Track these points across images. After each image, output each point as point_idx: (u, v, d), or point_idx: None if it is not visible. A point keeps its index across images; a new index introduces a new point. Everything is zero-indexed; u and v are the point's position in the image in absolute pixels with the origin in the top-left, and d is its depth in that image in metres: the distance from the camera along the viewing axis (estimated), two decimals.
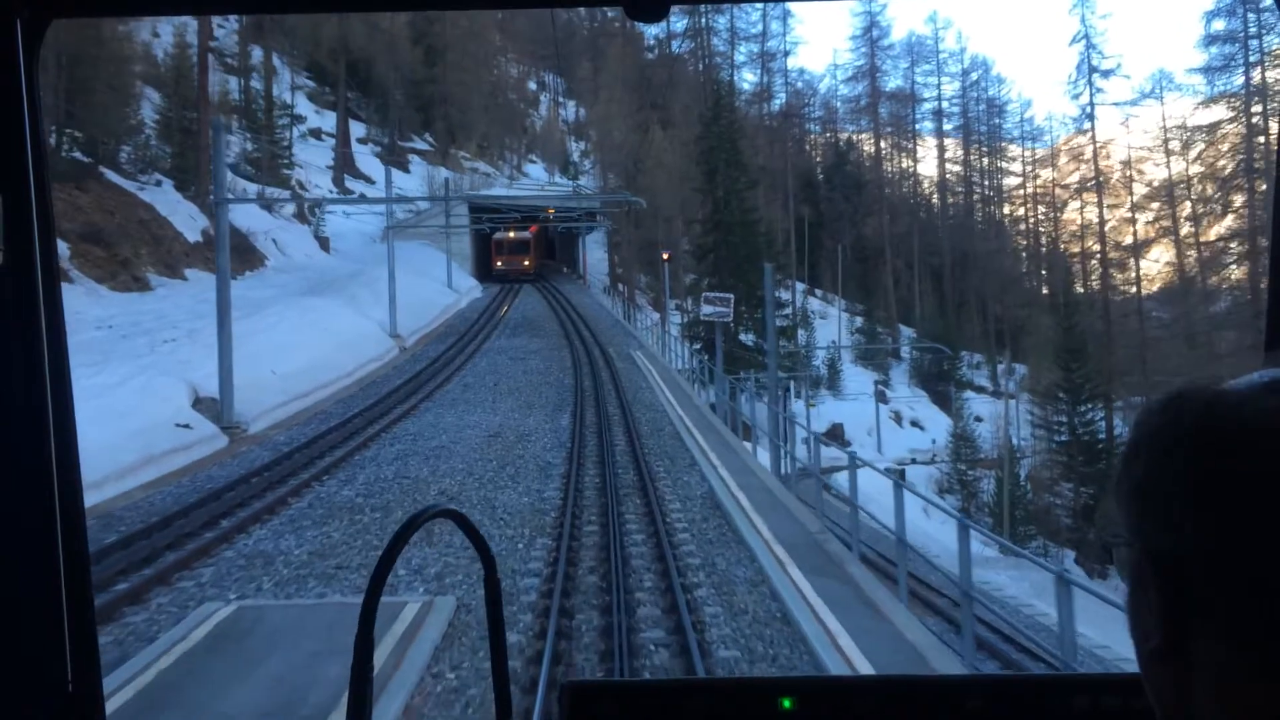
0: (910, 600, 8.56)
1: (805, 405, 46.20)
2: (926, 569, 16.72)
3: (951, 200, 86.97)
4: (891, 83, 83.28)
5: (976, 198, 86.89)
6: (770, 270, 17.51)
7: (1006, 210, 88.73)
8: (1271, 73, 46.13)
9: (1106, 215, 64.53)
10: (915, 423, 64.10)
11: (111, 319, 20.50)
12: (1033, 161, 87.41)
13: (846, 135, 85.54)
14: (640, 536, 9.67)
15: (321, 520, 10.40)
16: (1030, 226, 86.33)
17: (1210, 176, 49.80)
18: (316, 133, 64.12)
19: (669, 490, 11.95)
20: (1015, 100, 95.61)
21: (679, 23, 75.50)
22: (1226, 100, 47.41)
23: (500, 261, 51.87)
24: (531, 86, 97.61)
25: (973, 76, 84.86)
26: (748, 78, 78.10)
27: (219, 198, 17.51)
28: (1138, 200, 59.52)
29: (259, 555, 9.07)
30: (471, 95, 73.38)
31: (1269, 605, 0.46)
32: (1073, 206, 76.84)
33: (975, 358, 74.58)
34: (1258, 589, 0.46)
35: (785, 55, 77.79)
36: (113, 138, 34.15)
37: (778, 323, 58.30)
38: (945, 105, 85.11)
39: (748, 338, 54.93)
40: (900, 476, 26.08)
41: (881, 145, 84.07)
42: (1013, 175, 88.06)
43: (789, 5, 75.06)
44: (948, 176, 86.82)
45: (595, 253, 64.22)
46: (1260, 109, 44.98)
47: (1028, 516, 45.86)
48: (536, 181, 76.55)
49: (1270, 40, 45.66)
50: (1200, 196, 51.79)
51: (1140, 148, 60.48)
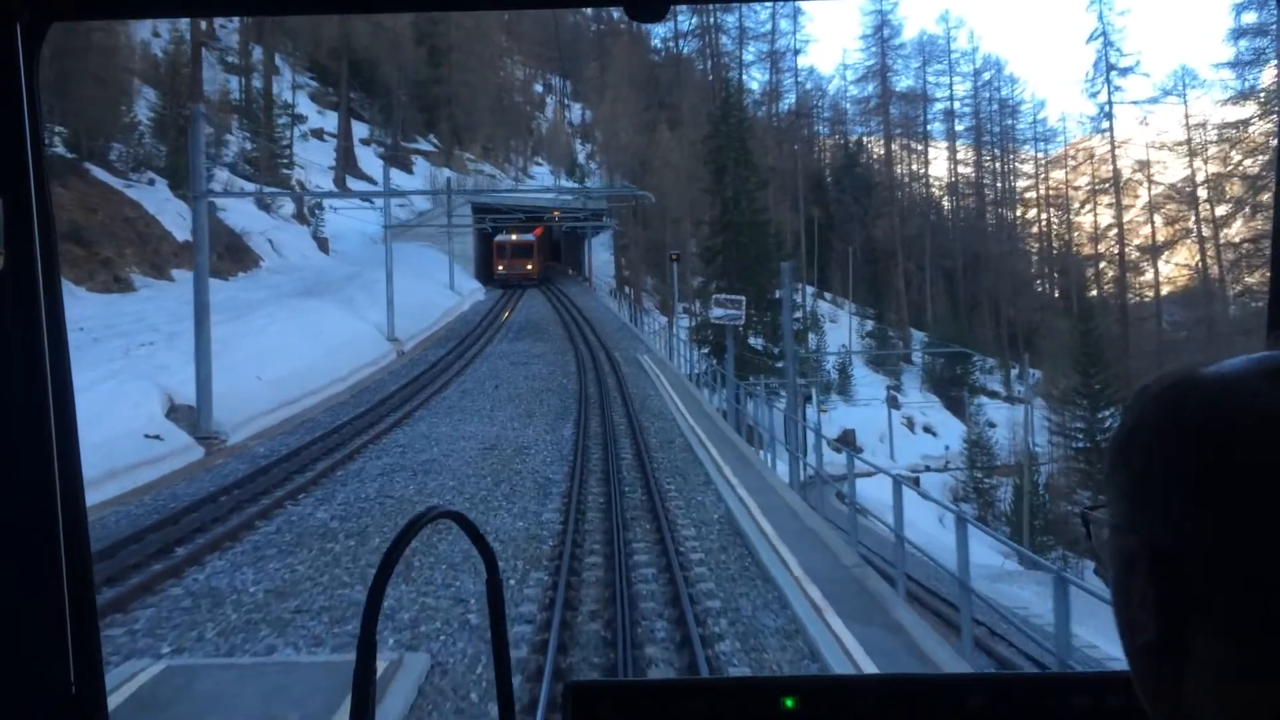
0: (973, 649, 7.26)
1: (817, 411, 45.02)
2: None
3: (963, 202, 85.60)
4: (902, 83, 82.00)
5: (989, 199, 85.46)
6: (789, 269, 16.26)
7: (1019, 212, 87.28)
8: None
9: (1123, 216, 63.16)
10: (928, 428, 62.98)
11: (85, 321, 19.32)
12: (1045, 163, 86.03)
13: (856, 137, 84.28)
14: (650, 571, 8.40)
15: (288, 549, 9.16)
16: (1043, 229, 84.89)
17: (1237, 176, 48.38)
18: (319, 133, 63.15)
19: (681, 513, 10.68)
20: (1028, 101, 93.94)
21: (687, 22, 74.42)
22: (1256, 96, 46.02)
23: (502, 265, 50.04)
24: (538, 89, 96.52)
25: (985, 76, 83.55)
26: (756, 76, 76.83)
27: (197, 191, 16.31)
28: (1156, 200, 58.07)
29: (209, 593, 7.83)
30: (476, 96, 72.20)
31: (1267, 602, 0.45)
32: (1087, 207, 75.42)
33: (988, 362, 73.34)
34: (1256, 586, 0.46)
35: (795, 54, 76.51)
36: (101, 134, 33.12)
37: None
38: (957, 106, 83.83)
39: (757, 341, 53.70)
40: (914, 483, 24.60)
41: (892, 146, 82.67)
42: (1025, 177, 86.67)
43: (800, 4, 73.88)
44: (959, 178, 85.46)
45: (601, 255, 63.05)
46: None
47: (1046, 526, 44.38)
48: (543, 184, 75.44)
49: None
50: (1228, 197, 50.35)
51: (1160, 147, 59.03)
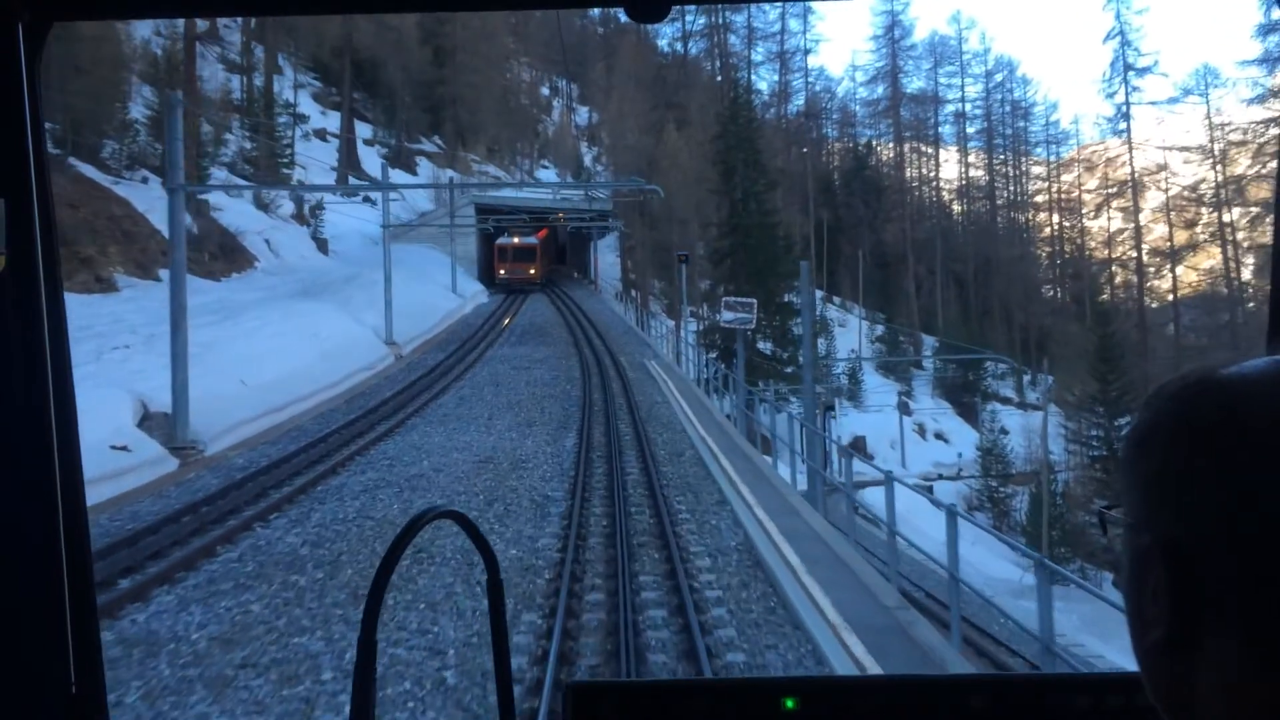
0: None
1: (826, 421, 43.85)
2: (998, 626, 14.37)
3: (974, 205, 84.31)
4: (914, 84, 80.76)
5: (1000, 203, 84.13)
6: (807, 269, 15.11)
7: (1031, 216, 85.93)
8: None
9: (1140, 219, 61.83)
10: (939, 435, 61.85)
11: None
12: (1057, 166, 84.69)
13: (866, 140, 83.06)
14: (661, 614, 7.25)
15: (247, 582, 8.04)
16: (1056, 232, 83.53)
17: (1264, 176, 47.06)
18: (321, 133, 62.27)
19: (695, 539, 9.53)
20: (1041, 103, 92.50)
21: (695, 21, 73.38)
22: None
23: (503, 269, 48.02)
24: (544, 92, 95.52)
25: (997, 78, 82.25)
26: (765, 77, 75.66)
27: (173, 183, 15.24)
28: (1175, 202, 56.75)
29: (145, 640, 6.70)
30: (481, 97, 71.19)
31: (1278, 601, 0.46)
32: (1100, 211, 74.07)
33: (1000, 367, 72.13)
34: (1269, 584, 0.46)
35: (805, 54, 75.31)
36: (93, 131, 32.19)
37: (796, 330, 56.02)
38: (968, 108, 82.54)
39: (766, 346, 52.52)
40: (928, 491, 23.35)
41: (903, 149, 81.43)
42: (1037, 179, 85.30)
43: (809, 3, 72.71)
44: (970, 181, 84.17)
45: (607, 257, 61.97)
46: None
47: (1064, 536, 43.06)
48: (548, 186, 74.37)
49: None
50: (1253, 199, 49.02)
51: (1179, 149, 57.70)
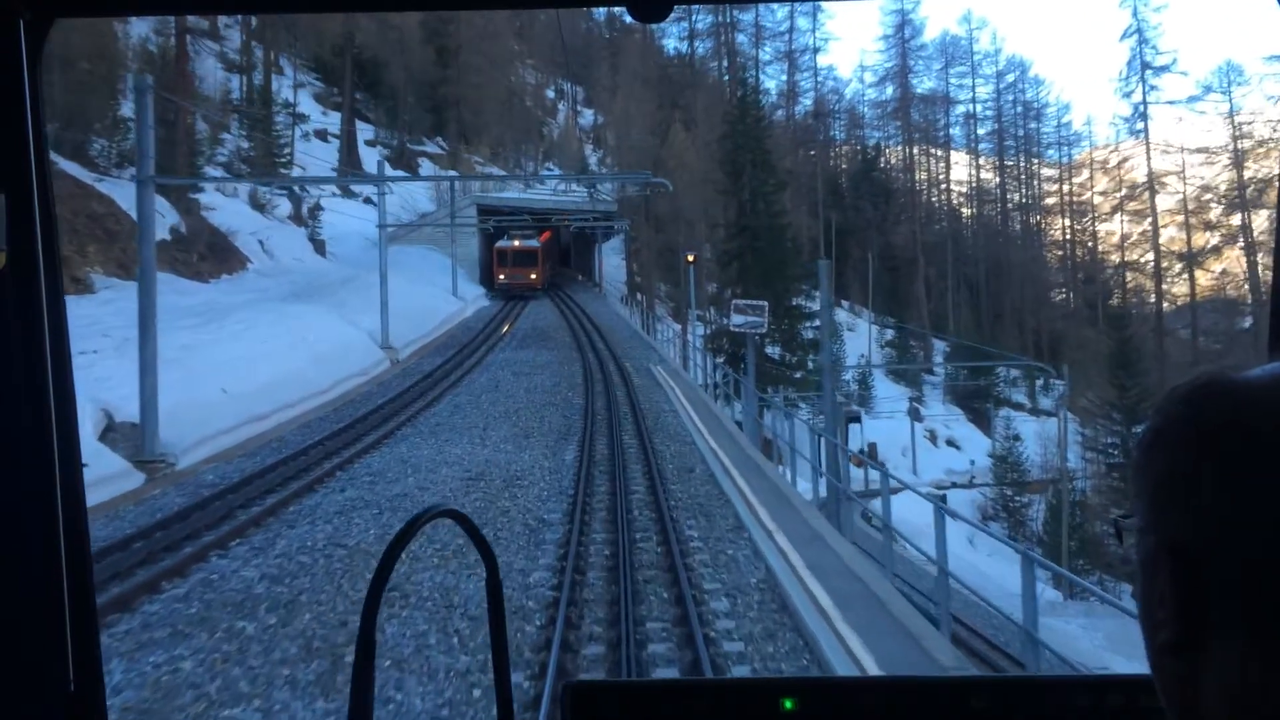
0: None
1: (827, 431, 42.63)
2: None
3: (984, 208, 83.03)
4: (923, 85, 79.53)
5: (1012, 205, 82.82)
6: (827, 268, 13.94)
7: (1043, 218, 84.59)
8: None
9: (1156, 221, 60.52)
10: (951, 442, 60.62)
11: None
12: (1069, 167, 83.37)
13: (874, 143, 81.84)
14: (674, 673, 6.07)
15: (186, 629, 6.88)
16: (1068, 235, 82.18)
17: None
18: (322, 134, 61.32)
19: (710, 573, 8.34)
20: (1053, 104, 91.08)
21: (702, 21, 72.32)
22: None
23: (503, 274, 45.79)
24: (549, 94, 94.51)
25: (1008, 78, 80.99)
26: (773, 76, 74.46)
27: (142, 174, 14.12)
28: (1194, 204, 55.41)
29: None
30: (485, 98, 70.19)
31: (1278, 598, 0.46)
32: (1114, 213, 72.74)
33: (1012, 373, 70.92)
34: (1268, 582, 0.46)
35: (815, 52, 74.11)
36: (80, 128, 31.18)
37: (806, 334, 54.81)
38: (979, 109, 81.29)
39: (774, 350, 51.33)
40: (941, 500, 22.43)
41: (913, 150, 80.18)
42: (1049, 181, 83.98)
43: (816, 1, 71.53)
44: (981, 183, 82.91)
45: (612, 260, 60.86)
46: None
47: (1082, 547, 41.69)
48: (552, 189, 73.39)
49: None
50: (1273, 201, 47.63)
51: (1198, 149, 56.36)
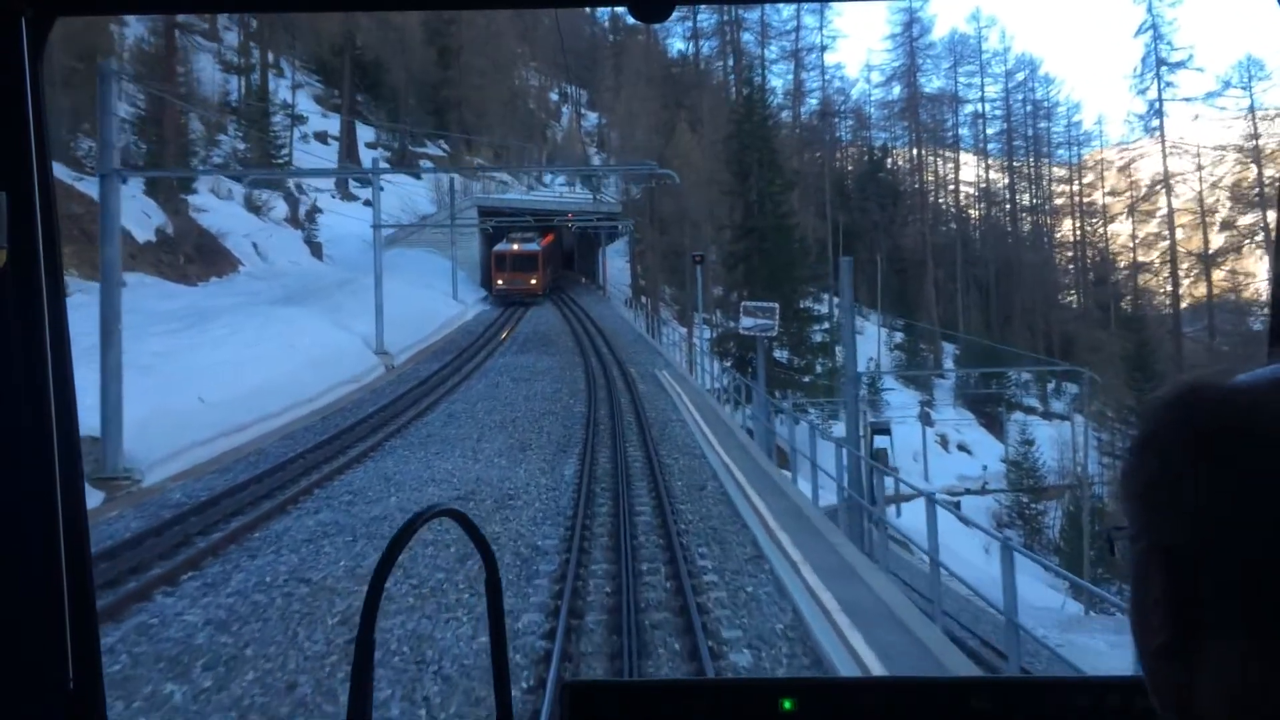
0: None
1: (847, 428, 41.54)
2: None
3: (994, 209, 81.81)
4: (933, 83, 78.33)
5: (1022, 206, 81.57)
6: (849, 265, 12.82)
7: (1053, 219, 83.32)
8: None
9: (1173, 220, 59.25)
10: (962, 446, 59.52)
11: None
12: (1079, 167, 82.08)
13: (881, 143, 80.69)
14: None
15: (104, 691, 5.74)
16: (1078, 236, 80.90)
17: None
18: (322, 136, 60.49)
19: (729, 616, 7.19)
20: (1063, 103, 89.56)
21: (707, 20, 71.28)
22: None
23: (501, 279, 43.45)
24: (553, 97, 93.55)
25: (1018, 77, 79.73)
26: (780, 74, 73.31)
27: (104, 167, 13.04)
28: (1210, 204, 54.16)
29: None
30: (488, 100, 69.21)
31: (1275, 600, 0.46)
32: (1125, 214, 71.47)
33: (1024, 376, 69.84)
34: (1268, 582, 0.47)
35: (822, 50, 72.93)
36: (71, 127, 30.27)
37: (815, 338, 53.63)
38: (988, 109, 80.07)
39: (781, 354, 50.19)
40: (955, 507, 21.18)
41: (922, 151, 78.99)
42: (1060, 181, 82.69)
43: (823, 1, 70.44)
44: (990, 183, 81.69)
45: (616, 262, 59.80)
46: None
47: (1101, 556, 40.45)
48: (555, 191, 72.41)
49: None
50: None
51: (1215, 147, 55.08)
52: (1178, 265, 55.34)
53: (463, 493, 11.16)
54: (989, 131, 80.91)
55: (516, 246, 43.56)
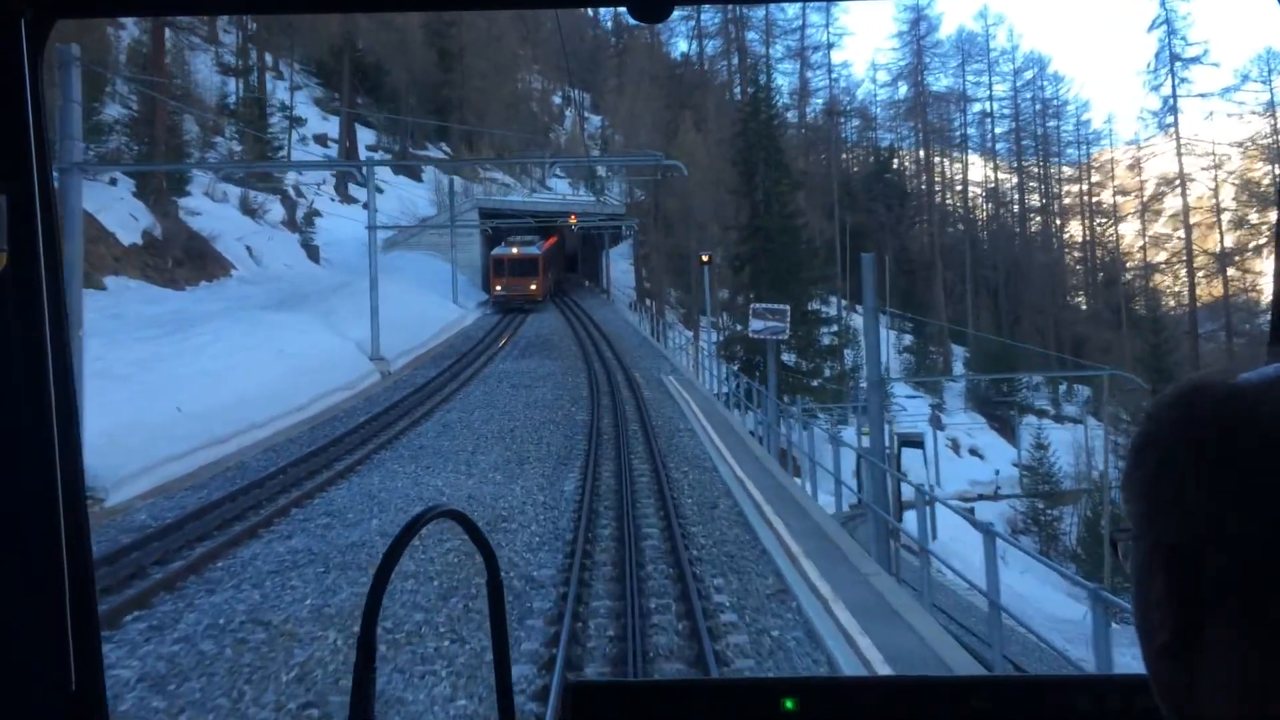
0: None
1: (858, 434, 40.52)
2: None
3: (1002, 209, 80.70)
4: (940, 82, 77.25)
5: (1031, 207, 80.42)
6: (870, 261, 11.82)
7: (1062, 220, 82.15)
8: None
9: (1181, 219, 58.06)
10: (974, 451, 58.44)
11: None
12: (1087, 166, 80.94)
13: (888, 145, 79.58)
14: None
15: None
16: (1088, 236, 79.73)
17: None
18: (321, 139, 59.68)
19: (752, 669, 6.15)
20: (1072, 102, 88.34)
21: (711, 19, 70.36)
22: None
23: (500, 284, 41.55)
24: (556, 100, 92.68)
25: (1026, 75, 78.61)
26: (785, 72, 72.28)
27: (64, 162, 12.07)
28: (1227, 201, 52.98)
29: None
30: (490, 103, 68.33)
31: (1277, 596, 0.47)
32: (1135, 214, 70.30)
33: (1034, 379, 68.83)
34: (1272, 578, 0.47)
35: (829, 48, 71.90)
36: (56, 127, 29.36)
37: (824, 340, 52.50)
38: (996, 108, 78.96)
39: (789, 357, 49.18)
40: (969, 513, 20.30)
41: (930, 150, 77.88)
42: (1070, 181, 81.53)
43: (825, 1, 69.44)
44: (999, 183, 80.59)
45: (620, 264, 58.82)
46: None
47: (1118, 565, 39.08)
48: (559, 195, 71.50)
49: None
50: None
51: (1233, 143, 53.90)
52: (1193, 264, 54.16)
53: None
54: (997, 131, 79.87)
55: (516, 250, 41.81)
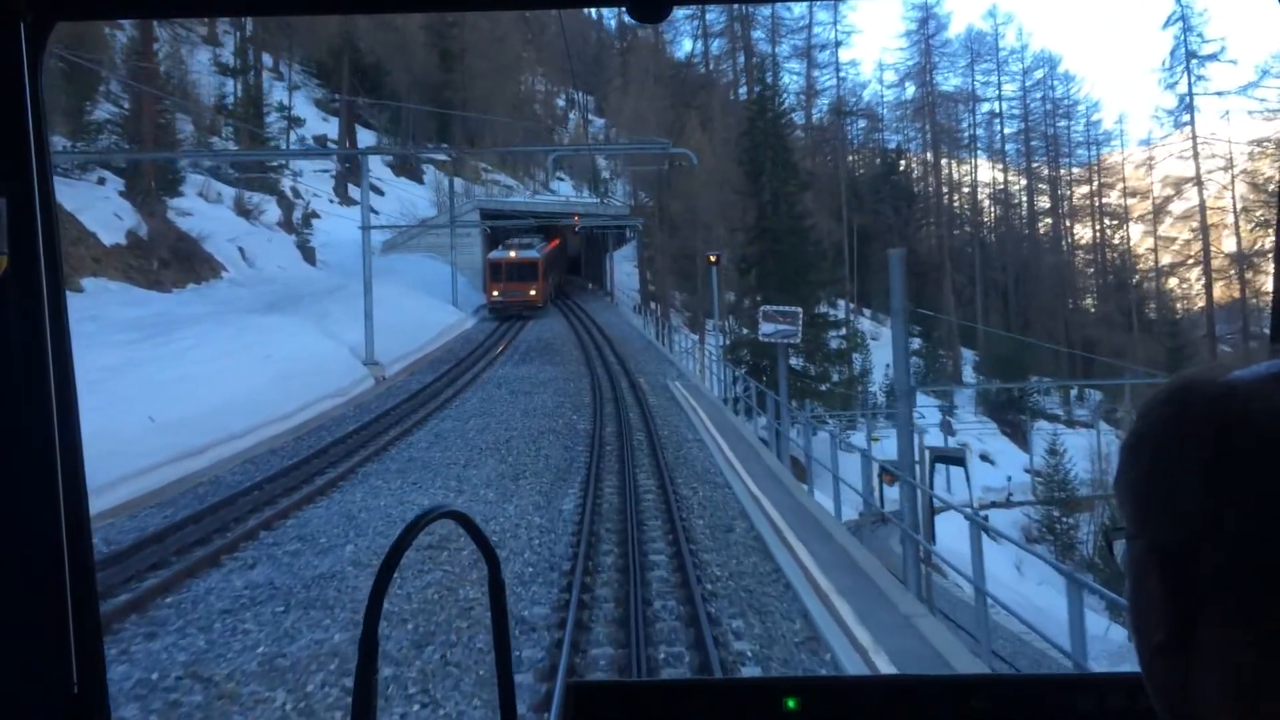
0: None
1: (868, 439, 39.53)
2: None
3: (1011, 211, 79.54)
4: (949, 82, 76.15)
5: (1041, 209, 79.25)
6: (899, 259, 10.75)
7: (1072, 220, 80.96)
8: None
9: (1182, 223, 56.97)
10: (985, 456, 57.25)
11: None
12: (1097, 167, 79.75)
13: (895, 146, 78.51)
14: None
15: None
16: (1100, 238, 78.54)
17: None
18: (321, 140, 58.81)
19: None
20: (1082, 102, 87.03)
21: (716, 19, 69.37)
22: None
23: (497, 290, 38.68)
24: (560, 103, 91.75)
25: (1036, 74, 77.47)
26: (792, 70, 71.21)
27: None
28: (1242, 202, 51.84)
29: None
30: (492, 105, 67.34)
31: (1272, 593, 0.46)
32: (1157, 213, 69.12)
33: (1045, 381, 67.72)
34: (1266, 575, 0.46)
35: (837, 45, 70.83)
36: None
37: (833, 344, 51.36)
38: (1005, 108, 77.84)
39: (796, 361, 48.10)
40: (984, 521, 19.33)
41: (939, 151, 76.76)
42: (1080, 182, 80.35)
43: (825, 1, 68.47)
44: (1008, 183, 79.45)
45: (624, 267, 57.80)
46: None
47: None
48: (562, 197, 70.50)
49: None
50: None
51: (1248, 142, 52.78)
52: (1211, 266, 53.01)
53: (435, 539, 9.06)
54: (1006, 131, 78.74)
55: (513, 253, 39.19)
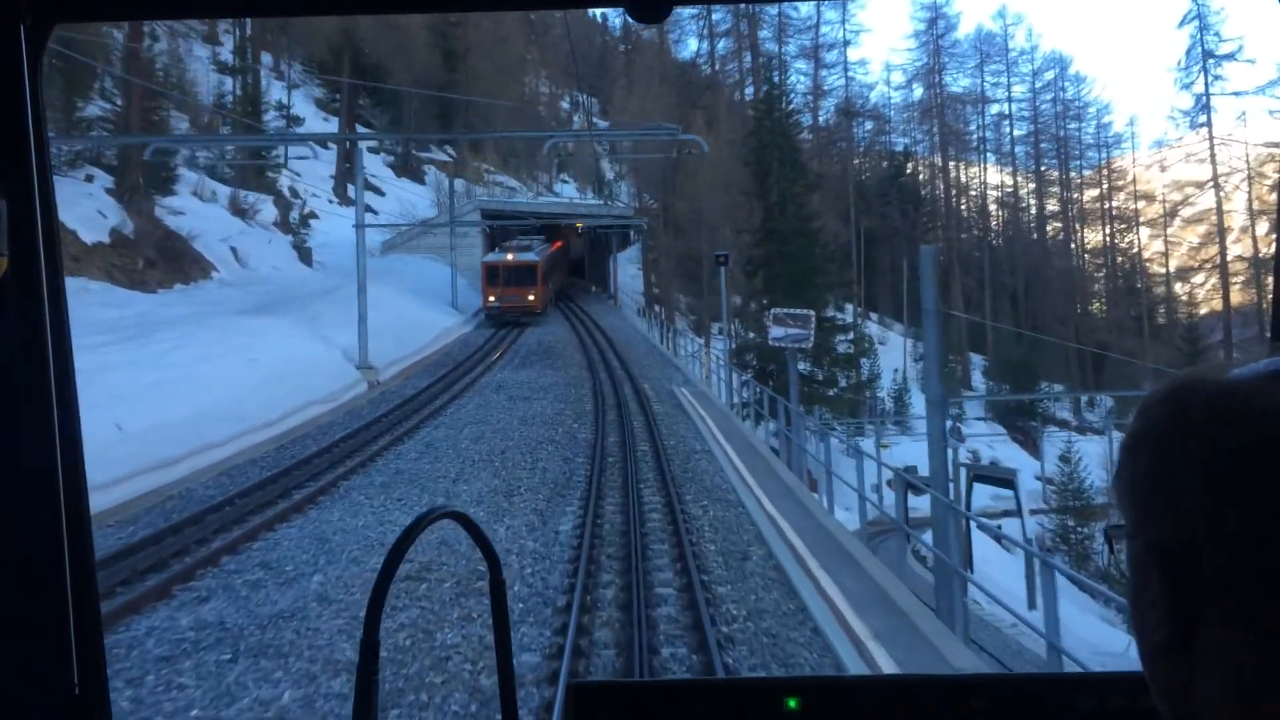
0: None
1: (877, 446, 38.55)
2: None
3: (1020, 214, 78.50)
4: (959, 82, 75.13)
5: (1051, 212, 78.17)
6: (932, 255, 9.76)
7: (1082, 224, 79.88)
8: None
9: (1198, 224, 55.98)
10: (994, 464, 56.21)
11: None
12: (1107, 169, 78.70)
13: (902, 148, 77.53)
14: None
15: None
16: (1110, 241, 77.46)
17: None
18: (322, 141, 57.79)
19: None
20: (1093, 104, 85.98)
21: (723, 19, 68.41)
22: None
23: (493, 295, 36.18)
24: (564, 105, 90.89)
25: (1046, 76, 76.45)
26: (800, 69, 70.22)
27: None
28: (1263, 203, 50.77)
29: None
30: (495, 105, 66.37)
31: (1272, 592, 0.46)
32: (1170, 217, 68.08)
33: (1055, 388, 66.71)
34: (1267, 576, 0.46)
35: (845, 45, 69.85)
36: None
37: (840, 348, 50.28)
38: (1014, 110, 76.81)
39: (804, 365, 47.11)
40: (997, 529, 18.19)
41: (947, 152, 75.74)
42: (1091, 186, 79.27)
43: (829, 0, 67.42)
44: (1018, 185, 78.41)
45: (628, 270, 56.84)
46: None
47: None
48: (565, 198, 69.59)
49: None
50: None
51: (1266, 144, 51.71)
52: (1228, 270, 51.94)
53: (415, 568, 8.04)
54: (1016, 133, 77.71)
55: (510, 256, 36.57)
